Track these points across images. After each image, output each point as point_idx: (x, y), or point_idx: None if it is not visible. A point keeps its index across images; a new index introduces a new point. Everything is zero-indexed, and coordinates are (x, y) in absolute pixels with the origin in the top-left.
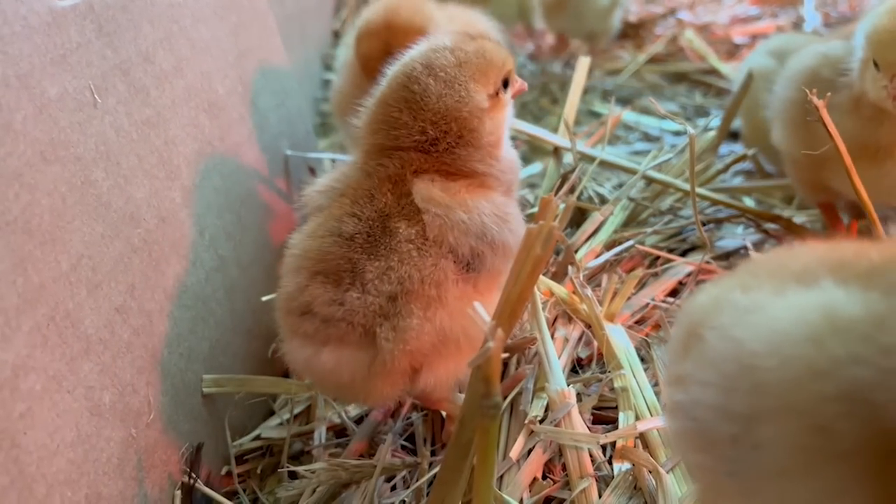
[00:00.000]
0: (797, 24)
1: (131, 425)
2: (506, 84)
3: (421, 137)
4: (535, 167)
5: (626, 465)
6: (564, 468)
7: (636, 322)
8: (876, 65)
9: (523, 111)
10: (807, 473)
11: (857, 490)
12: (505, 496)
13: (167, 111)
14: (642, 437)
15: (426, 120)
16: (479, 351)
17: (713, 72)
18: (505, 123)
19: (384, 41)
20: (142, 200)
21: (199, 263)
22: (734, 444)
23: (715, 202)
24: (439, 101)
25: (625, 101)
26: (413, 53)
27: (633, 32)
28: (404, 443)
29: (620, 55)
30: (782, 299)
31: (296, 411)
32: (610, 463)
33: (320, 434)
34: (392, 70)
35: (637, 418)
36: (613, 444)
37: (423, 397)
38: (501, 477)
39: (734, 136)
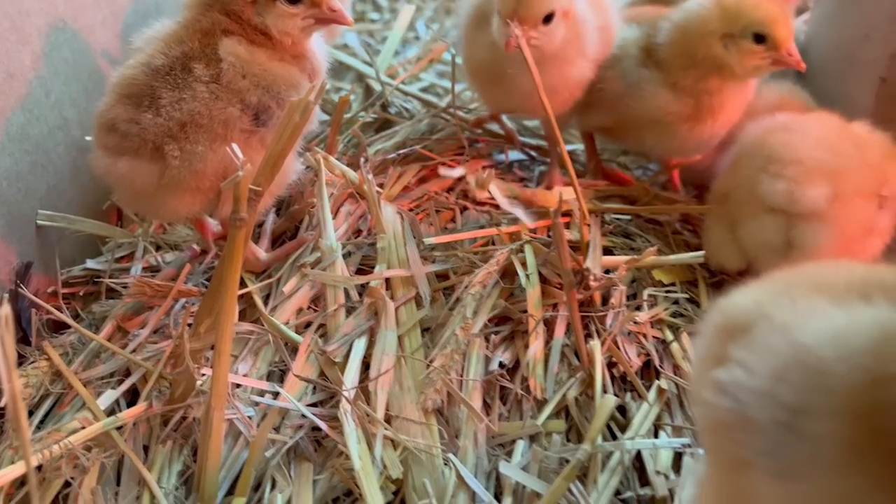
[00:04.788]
0: None
1: None
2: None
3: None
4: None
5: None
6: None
7: (413, 207)
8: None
9: None
10: (852, 467)
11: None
12: (273, 318)
13: None
14: (387, 281)
15: None
16: (230, 177)
17: None
18: (294, 28)
19: None
20: None
21: (42, 119)
22: (778, 428)
23: (466, 122)
24: None
25: None
26: None
27: None
28: (205, 282)
29: None
30: (845, 311)
31: (120, 254)
32: (362, 301)
33: (137, 270)
34: None
35: (388, 268)
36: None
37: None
38: (275, 308)
39: None
